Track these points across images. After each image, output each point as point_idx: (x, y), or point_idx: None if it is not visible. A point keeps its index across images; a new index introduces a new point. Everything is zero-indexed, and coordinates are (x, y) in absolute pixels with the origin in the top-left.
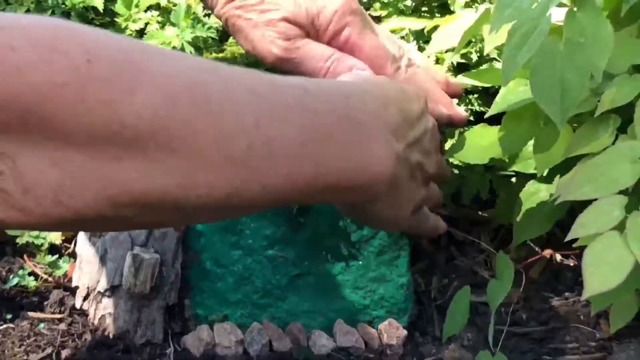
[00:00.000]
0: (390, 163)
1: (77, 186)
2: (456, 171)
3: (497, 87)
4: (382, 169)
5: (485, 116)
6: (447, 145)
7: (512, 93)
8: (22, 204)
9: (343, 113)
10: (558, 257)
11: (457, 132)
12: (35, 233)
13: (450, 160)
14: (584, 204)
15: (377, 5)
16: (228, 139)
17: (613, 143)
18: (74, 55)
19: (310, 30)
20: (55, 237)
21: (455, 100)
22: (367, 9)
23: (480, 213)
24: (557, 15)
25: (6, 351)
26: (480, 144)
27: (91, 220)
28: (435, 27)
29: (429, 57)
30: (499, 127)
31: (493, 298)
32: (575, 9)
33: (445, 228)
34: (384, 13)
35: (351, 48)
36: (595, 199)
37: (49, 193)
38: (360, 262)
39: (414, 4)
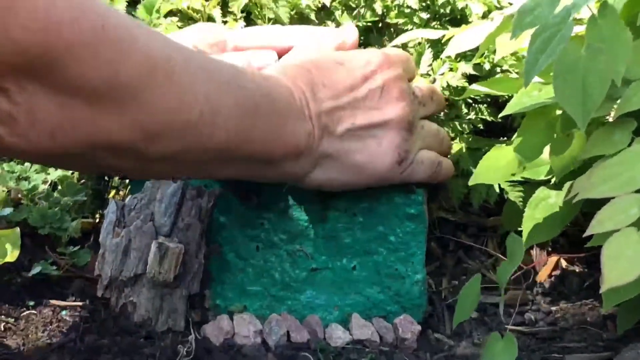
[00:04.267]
0: (300, 139)
1: (72, 128)
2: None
3: (507, 97)
4: (294, 144)
5: (499, 116)
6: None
7: (526, 96)
8: (26, 133)
9: (265, 92)
10: (564, 263)
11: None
12: (58, 224)
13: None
14: (593, 211)
15: (393, 14)
16: (187, 106)
17: (629, 145)
18: (95, 20)
19: None
20: (75, 231)
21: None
22: (383, 18)
23: (488, 219)
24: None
25: (29, 335)
26: (498, 165)
27: (71, 156)
28: (451, 37)
29: (452, 68)
30: (511, 146)
31: (502, 275)
32: (596, 15)
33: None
34: (400, 21)
35: None
36: (612, 198)
37: (49, 129)
38: (377, 258)
39: (426, 17)
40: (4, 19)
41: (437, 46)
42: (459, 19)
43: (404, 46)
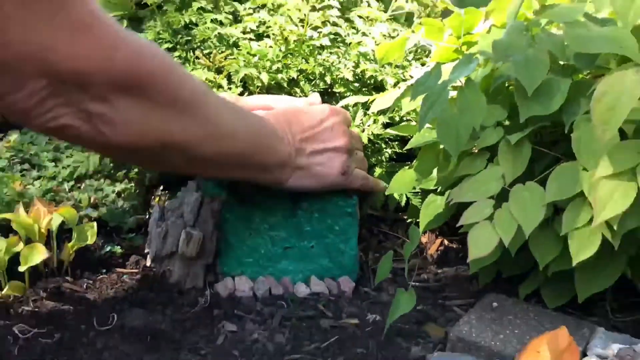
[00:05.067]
0: (284, 156)
1: (150, 129)
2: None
3: (409, 136)
4: (280, 158)
5: (404, 149)
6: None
7: (421, 136)
8: (123, 131)
9: (262, 124)
10: (446, 242)
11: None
12: (121, 220)
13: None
14: (464, 209)
15: (337, 85)
16: (220, 124)
17: (485, 168)
18: (164, 58)
19: None
20: (132, 224)
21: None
22: (331, 86)
23: (399, 214)
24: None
25: (102, 292)
26: (405, 181)
27: (148, 150)
28: (374, 100)
29: (375, 121)
30: (412, 168)
31: (407, 250)
32: (464, 87)
33: (382, 188)
34: (342, 90)
35: None
36: (474, 202)
37: (138, 129)
38: (327, 240)
39: (358, 86)
40: (113, 54)
41: (366, 106)
42: (380, 86)
43: (346, 106)
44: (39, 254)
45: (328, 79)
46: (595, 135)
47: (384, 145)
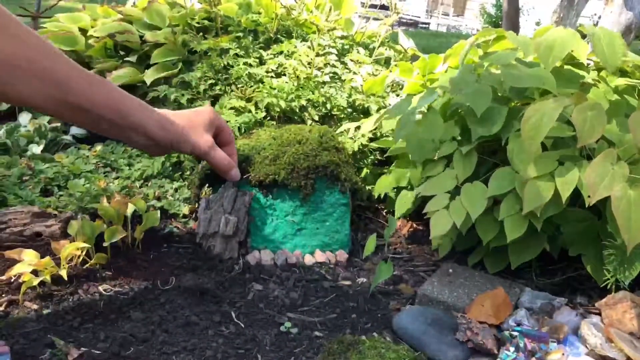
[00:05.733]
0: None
1: None
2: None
3: (388, 147)
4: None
5: (384, 156)
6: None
7: (397, 148)
8: None
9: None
10: (414, 225)
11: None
12: (177, 208)
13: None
14: (427, 201)
15: (335, 110)
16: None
17: (443, 171)
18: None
19: None
20: (185, 211)
21: None
22: (331, 111)
23: (380, 205)
24: None
25: (164, 261)
26: (385, 184)
27: None
28: (362, 123)
29: (363, 135)
30: (391, 173)
31: (387, 232)
32: (426, 112)
33: (236, 176)
34: (338, 114)
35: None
36: (435, 195)
37: None
38: (328, 224)
39: (351, 111)
40: None
41: (358, 128)
42: (366, 111)
43: (347, 130)
44: (118, 233)
45: (328, 106)
46: (524, 147)
47: (369, 153)
